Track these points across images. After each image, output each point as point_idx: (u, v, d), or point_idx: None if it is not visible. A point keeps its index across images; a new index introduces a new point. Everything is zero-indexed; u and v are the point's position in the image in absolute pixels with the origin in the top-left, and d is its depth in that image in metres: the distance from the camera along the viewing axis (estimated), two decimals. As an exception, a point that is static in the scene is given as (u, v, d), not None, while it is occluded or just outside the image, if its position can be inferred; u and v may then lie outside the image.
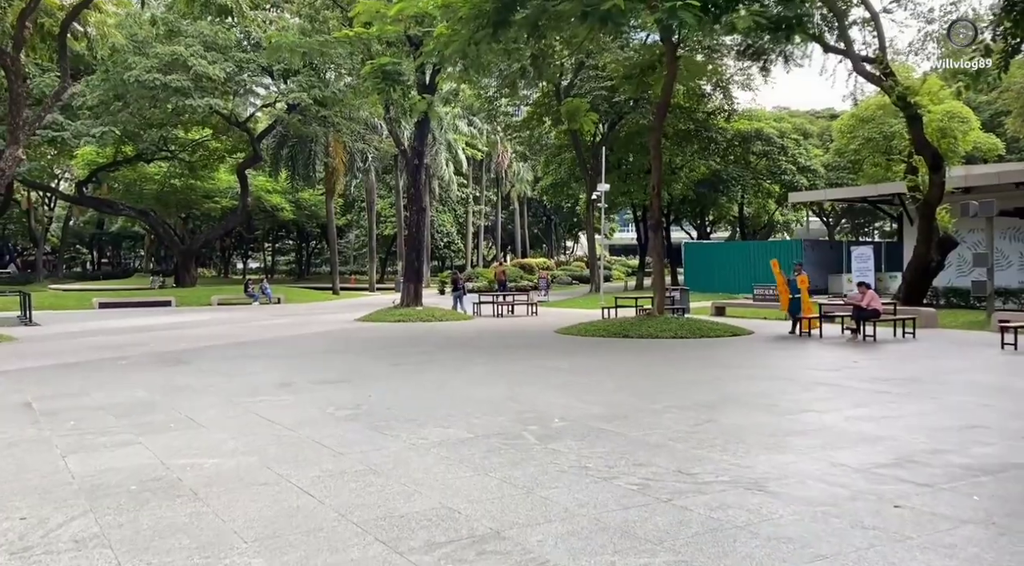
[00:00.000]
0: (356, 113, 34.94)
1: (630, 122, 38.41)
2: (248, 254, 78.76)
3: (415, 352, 13.80)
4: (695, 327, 16.63)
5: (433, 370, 11.19)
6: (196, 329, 20.48)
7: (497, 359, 12.59)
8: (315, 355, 13.66)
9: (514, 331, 18.72)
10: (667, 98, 17.82)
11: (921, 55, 40.86)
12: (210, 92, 29.04)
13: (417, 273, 24.17)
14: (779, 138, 39.51)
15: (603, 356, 12.94)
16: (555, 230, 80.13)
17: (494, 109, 40.57)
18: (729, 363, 11.96)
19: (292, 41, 16.34)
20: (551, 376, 10.44)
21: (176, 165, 42.82)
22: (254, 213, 52.83)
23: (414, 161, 23.80)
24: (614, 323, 17.30)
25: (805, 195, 33.53)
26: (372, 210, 46.60)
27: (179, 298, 34.16)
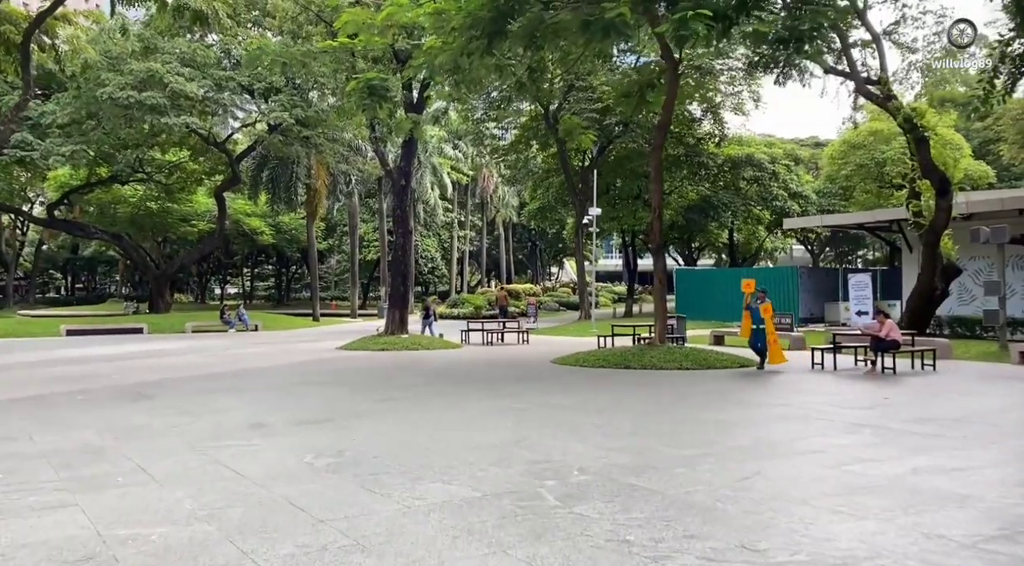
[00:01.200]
0: (340, 134, 33.93)
1: (619, 147, 37.78)
2: (226, 279, 77.05)
3: (404, 385, 12.65)
4: (700, 358, 15.62)
5: (425, 407, 10.05)
6: (166, 358, 19.18)
7: (495, 394, 11.47)
8: (292, 389, 12.47)
9: (508, 361, 17.61)
10: (668, 117, 17.00)
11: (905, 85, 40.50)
12: (187, 110, 27.91)
13: (402, 299, 23.05)
14: (770, 164, 39.00)
15: (610, 390, 11.86)
16: (540, 256, 79.36)
17: (481, 132, 39.80)
18: (749, 399, 10.92)
19: (273, 50, 15.33)
20: (559, 415, 9.34)
21: (152, 188, 41.50)
22: (232, 237, 51.46)
23: (400, 182, 22.79)
24: (614, 353, 16.25)
25: (800, 221, 32.88)
26: (355, 234, 45.44)
27: (152, 325, 32.72)
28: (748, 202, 40.13)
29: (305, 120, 30.42)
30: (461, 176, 54.32)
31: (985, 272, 25.90)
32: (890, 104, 19.92)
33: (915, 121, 19.46)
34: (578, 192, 37.37)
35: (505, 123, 39.84)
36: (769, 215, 42.14)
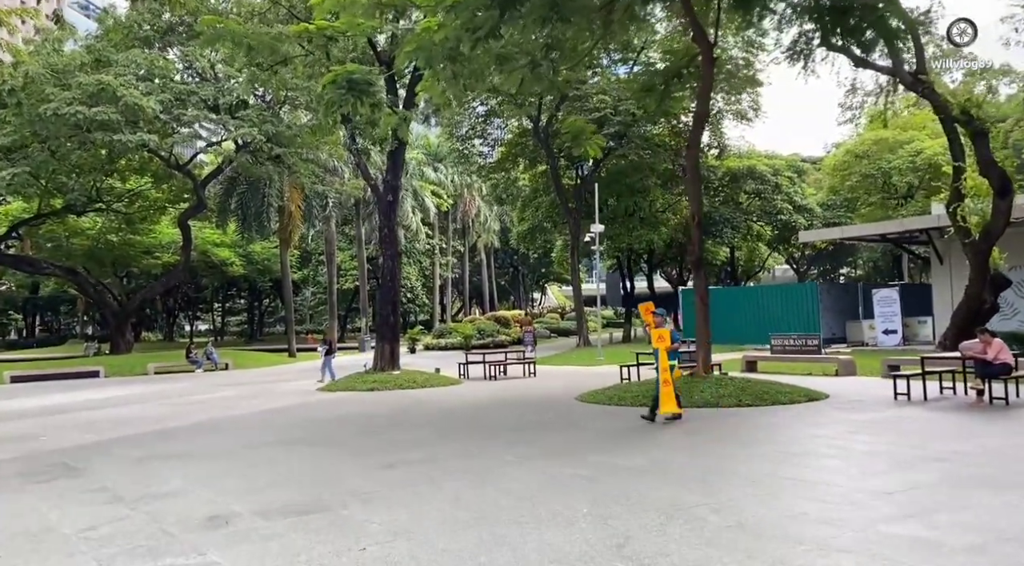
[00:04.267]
0: (315, 153, 31.25)
1: (611, 162, 35.54)
2: (196, 315, 73.38)
3: (411, 441, 9.88)
4: (758, 392, 13.02)
5: (452, 478, 7.31)
6: (117, 408, 16.20)
7: (535, 451, 8.76)
8: (267, 451, 9.64)
9: (523, 400, 14.89)
10: (705, 107, 14.60)
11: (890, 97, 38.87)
12: (144, 128, 25.07)
13: (392, 329, 20.26)
14: (772, 176, 36.95)
15: (681, 443, 9.21)
16: (523, 281, 76.84)
17: (466, 149, 37.41)
18: (900, 455, 8.29)
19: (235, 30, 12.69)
20: (642, 488, 6.65)
21: (112, 218, 38.37)
22: (201, 269, 48.31)
23: (387, 197, 20.12)
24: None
25: (817, 233, 30.67)
26: (332, 262, 42.57)
27: (110, 367, 29.52)
28: (749, 217, 38.01)
29: (276, 137, 27.71)
30: (442, 201, 51.83)
31: (1037, 282, 23.79)
32: (939, 96, 17.73)
33: (972, 113, 17.25)
34: (572, 210, 34.99)
35: (491, 139, 37.52)
36: (771, 230, 40.05)
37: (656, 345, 10.95)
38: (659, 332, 11.04)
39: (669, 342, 10.88)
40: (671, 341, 10.97)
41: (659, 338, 10.96)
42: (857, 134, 43.38)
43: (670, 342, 10.89)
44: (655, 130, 34.74)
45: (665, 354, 10.76)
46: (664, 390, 10.61)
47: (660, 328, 11.08)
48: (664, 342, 10.84)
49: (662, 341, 10.87)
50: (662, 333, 10.99)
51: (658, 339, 10.95)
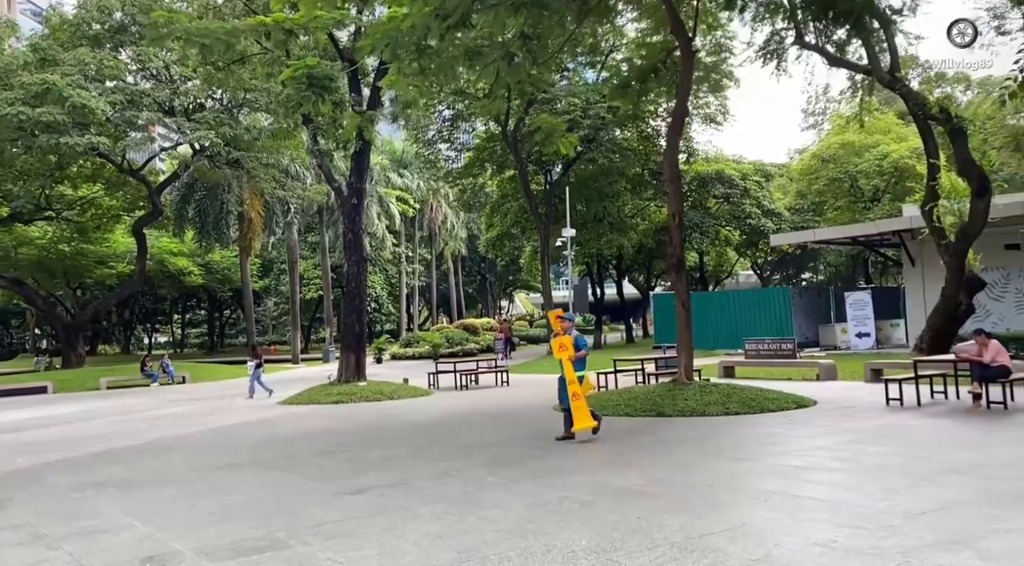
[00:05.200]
0: (276, 157, 30.14)
1: (579, 168, 34.96)
2: (155, 327, 71.13)
3: (381, 461, 9.02)
4: (745, 399, 12.40)
5: (427, 506, 6.49)
6: (60, 427, 15.04)
7: (517, 472, 7.97)
8: (217, 476, 8.70)
9: (499, 411, 14.09)
10: (684, 105, 13.97)
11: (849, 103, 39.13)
12: (92, 130, 23.80)
13: (358, 339, 19.31)
14: (741, 180, 36.71)
15: (674, 457, 8.49)
16: (491, 289, 76.02)
17: (433, 154, 36.56)
18: (915, 468, 7.66)
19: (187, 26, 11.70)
20: (643, 510, 5.89)
21: (63, 227, 36.73)
22: (158, 279, 46.63)
23: (352, 201, 19.19)
24: (637, 396, 12.90)
25: (788, 237, 30.36)
26: (295, 270, 41.29)
27: (59, 382, 28.00)
28: (718, 222, 37.73)
29: (234, 140, 26.61)
30: (408, 208, 50.84)
31: (1000, 284, 23.65)
32: (917, 94, 17.42)
33: (950, 110, 16.94)
34: (541, 216, 34.32)
35: (458, 144, 36.69)
36: (739, 235, 39.82)
37: (558, 355, 9.72)
38: (559, 340, 9.73)
39: (572, 351, 9.62)
40: (576, 349, 9.71)
41: (560, 347, 9.67)
42: (820, 140, 43.56)
43: (573, 350, 9.64)
44: (625, 134, 34.29)
45: (570, 364, 9.56)
46: (575, 404, 9.40)
47: (565, 335, 9.84)
48: (567, 351, 9.60)
49: (563, 350, 9.61)
50: (563, 341, 9.69)
51: (559, 348, 9.67)
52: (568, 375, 9.54)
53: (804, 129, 69.04)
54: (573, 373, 9.51)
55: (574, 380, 9.47)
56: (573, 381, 9.46)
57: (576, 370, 9.57)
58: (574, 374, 9.51)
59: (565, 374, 9.58)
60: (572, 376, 9.48)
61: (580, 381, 9.58)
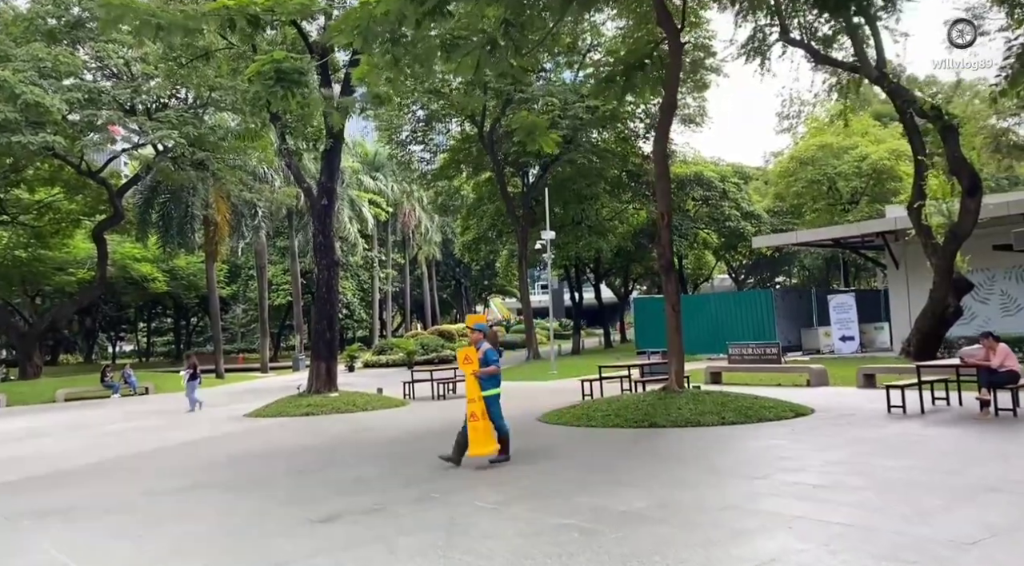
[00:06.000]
0: (243, 159, 29.08)
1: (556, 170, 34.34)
2: (120, 336, 69.12)
3: (351, 482, 8.18)
4: (740, 407, 11.76)
5: (406, 535, 5.71)
6: (3, 446, 13.95)
7: (507, 494, 7.22)
8: (171, 501, 7.82)
9: (479, 423, 13.29)
10: (673, 98, 13.37)
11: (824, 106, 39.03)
12: (46, 128, 22.62)
13: (329, 346, 18.39)
14: (720, 182, 36.36)
15: (683, 473, 7.79)
16: (466, 294, 75.13)
17: (407, 155, 35.71)
18: (944, 484, 7.03)
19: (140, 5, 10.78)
20: (655, 539, 5.18)
21: (19, 232, 35.24)
22: (121, 286, 45.09)
23: (321, 201, 18.31)
24: (627, 405, 12.19)
25: (770, 239, 29.98)
26: (263, 276, 40.10)
27: (13, 395, 26.62)
28: (697, 224, 37.34)
29: (199, 140, 25.55)
30: (380, 211, 49.85)
31: (986, 286, 23.39)
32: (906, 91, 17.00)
33: (941, 109, 16.54)
34: (518, 218, 33.64)
35: (433, 145, 35.89)
36: (717, 238, 39.48)
37: (462, 367, 8.65)
38: (464, 351, 8.73)
39: (477, 365, 8.51)
40: (484, 363, 8.55)
41: (465, 359, 8.59)
42: (796, 142, 43.46)
43: (479, 365, 8.51)
44: (603, 136, 33.77)
45: (474, 380, 8.46)
46: (472, 425, 8.35)
47: (475, 346, 8.73)
48: (471, 364, 8.49)
49: (468, 363, 8.52)
50: (467, 352, 8.65)
51: (464, 360, 8.60)
52: (470, 392, 8.46)
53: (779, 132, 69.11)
54: (477, 390, 8.40)
55: (475, 398, 8.36)
56: (473, 400, 8.36)
57: (485, 388, 8.47)
58: (478, 391, 8.40)
59: (468, 391, 8.53)
60: (475, 393, 8.39)
61: (493, 401, 8.50)
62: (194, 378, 19.11)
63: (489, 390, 8.50)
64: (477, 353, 8.58)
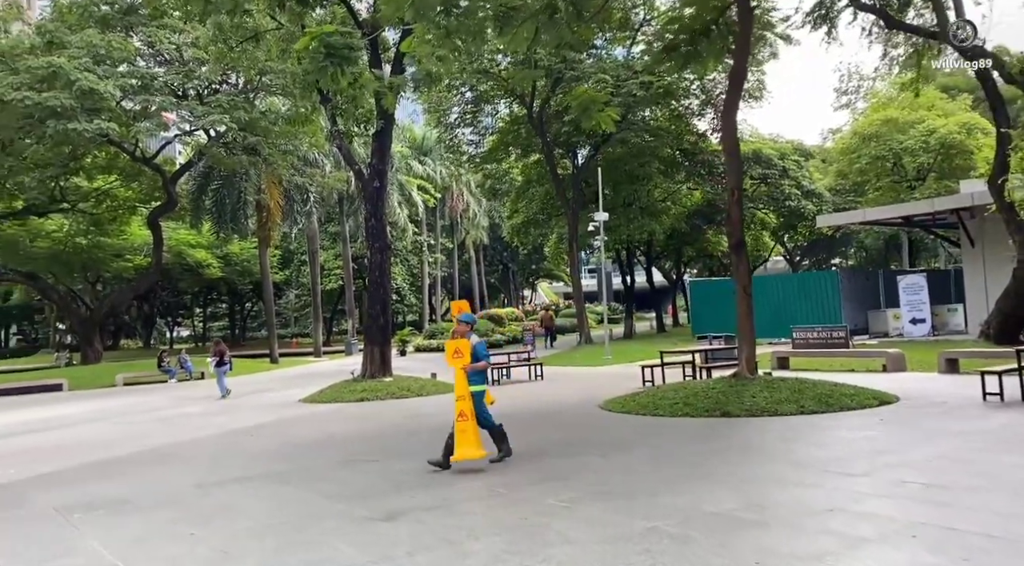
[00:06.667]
0: (294, 143, 28.94)
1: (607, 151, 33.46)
2: (177, 321, 70.55)
3: (411, 474, 7.72)
4: (819, 394, 10.97)
5: (474, 538, 5.21)
6: (65, 430, 13.97)
7: (580, 490, 6.66)
8: (223, 493, 7.47)
9: (539, 411, 12.80)
10: (743, 63, 12.56)
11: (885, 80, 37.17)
12: (101, 114, 22.71)
13: (383, 331, 18.07)
14: (779, 160, 35.01)
15: (771, 469, 7.13)
16: (513, 279, 74.65)
17: (456, 138, 35.22)
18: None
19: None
20: (760, 550, 4.57)
21: (79, 219, 35.87)
22: (177, 273, 45.76)
23: (373, 184, 17.93)
24: (697, 393, 11.51)
25: (836, 218, 28.71)
26: (315, 261, 40.21)
27: (74, 379, 27.14)
28: (755, 204, 36.06)
29: (249, 125, 25.44)
30: (429, 196, 49.58)
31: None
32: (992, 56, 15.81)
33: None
34: (569, 201, 32.93)
35: (481, 128, 35.32)
36: (776, 218, 38.12)
37: (451, 363, 7.86)
38: (455, 344, 7.89)
39: (468, 359, 7.81)
40: (474, 358, 7.89)
41: (455, 353, 7.82)
42: (855, 118, 41.65)
43: (470, 359, 7.82)
44: (657, 113, 32.76)
45: (464, 376, 7.76)
46: (460, 426, 7.60)
47: (461, 338, 8.02)
48: (462, 358, 7.78)
49: (458, 357, 7.79)
50: (460, 345, 7.85)
51: (453, 354, 7.83)
52: (459, 389, 7.76)
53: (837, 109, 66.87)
54: (467, 387, 7.74)
55: (464, 396, 7.68)
56: (463, 397, 7.68)
57: (473, 384, 7.82)
58: (467, 388, 7.74)
59: (456, 388, 7.84)
60: (464, 390, 7.72)
61: (479, 397, 7.83)
62: (221, 365, 19.01)
63: (475, 386, 7.83)
64: (468, 346, 7.86)
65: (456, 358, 7.82)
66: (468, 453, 7.53)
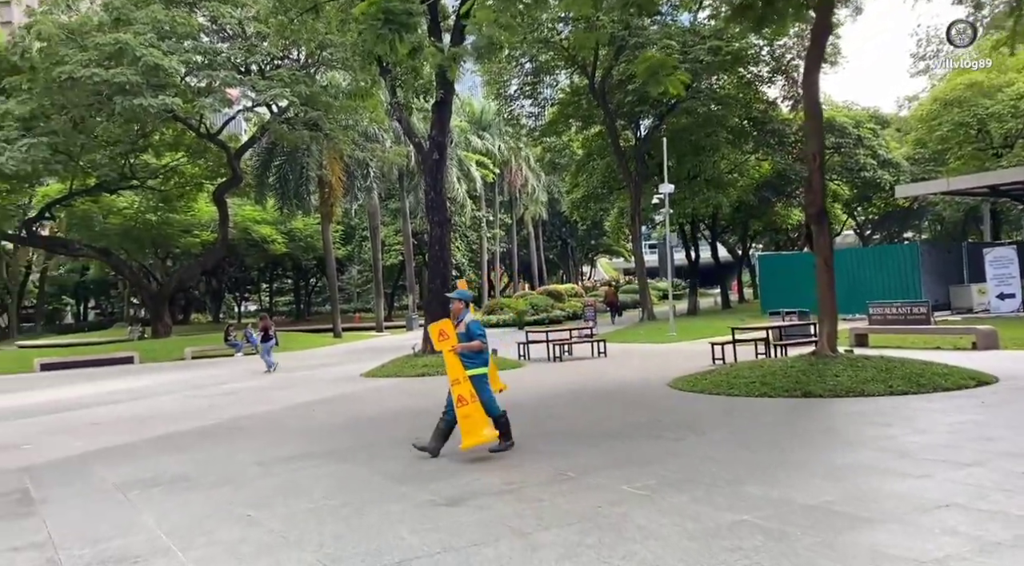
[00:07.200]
0: (355, 118, 28.83)
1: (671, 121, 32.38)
2: (245, 296, 72.29)
3: (475, 456, 7.36)
4: (909, 374, 10.20)
5: (545, 527, 4.80)
6: (132, 403, 14.16)
7: (656, 477, 6.19)
8: (284, 471, 7.24)
9: (604, 389, 12.33)
10: (827, 17, 11.65)
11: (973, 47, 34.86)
12: (166, 90, 22.93)
13: (443, 306, 17.76)
14: (854, 129, 33.37)
15: (860, 455, 6.51)
16: (572, 254, 73.89)
17: (515, 111, 34.63)
18: None
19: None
20: (872, 551, 4.04)
21: (148, 196, 36.69)
22: (244, 248, 46.62)
23: (433, 156, 17.58)
24: (772, 371, 10.86)
25: (916, 187, 27.23)
26: (376, 237, 40.36)
27: (145, 352, 27.89)
28: (827, 175, 34.48)
29: (310, 99, 25.38)
30: (488, 172, 49.12)
31: None
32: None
33: None
34: (631, 174, 32.08)
35: (541, 99, 34.62)
36: (850, 189, 36.46)
37: (438, 346, 7.20)
38: (439, 326, 7.22)
39: (455, 340, 7.09)
40: (471, 336, 7.18)
41: (440, 335, 7.11)
42: (933, 84, 39.36)
43: (456, 341, 7.11)
44: (724, 81, 31.53)
45: (455, 359, 7.07)
46: (461, 412, 6.92)
47: (457, 319, 7.32)
48: (448, 341, 7.06)
49: (444, 339, 7.07)
50: (443, 326, 7.16)
51: (439, 337, 7.12)
52: (452, 373, 7.03)
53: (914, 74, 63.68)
54: (460, 370, 7.02)
55: (459, 379, 6.99)
56: (458, 381, 6.98)
57: (470, 366, 7.10)
58: (461, 371, 7.02)
59: (448, 372, 7.10)
60: (458, 373, 7.00)
61: (480, 381, 7.14)
62: (267, 340, 19.28)
63: (475, 369, 7.13)
64: (457, 327, 7.22)
65: (442, 341, 7.10)
66: (476, 439, 6.92)
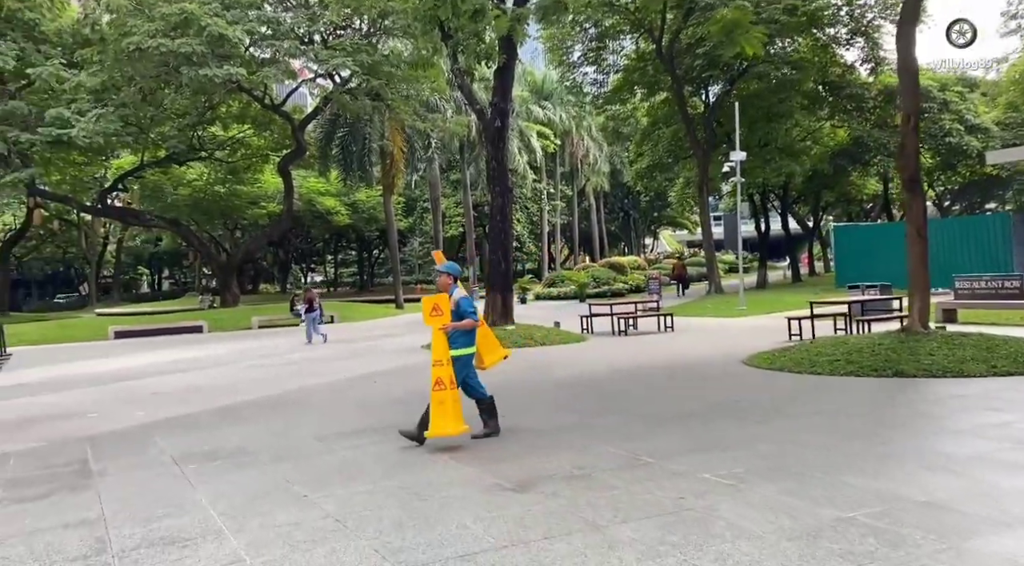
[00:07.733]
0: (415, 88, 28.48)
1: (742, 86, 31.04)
2: (311, 267, 73.63)
3: (541, 435, 6.96)
4: (1015, 353, 9.33)
5: (622, 519, 4.36)
6: (197, 372, 14.26)
7: (743, 464, 5.67)
8: (343, 448, 6.97)
9: (674, 366, 11.76)
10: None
11: None
12: (231, 60, 22.95)
13: (504, 278, 17.43)
14: (939, 92, 31.42)
15: (972, 443, 5.85)
16: (634, 226, 72.54)
17: (578, 77, 33.73)
18: None
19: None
20: (1005, 559, 3.46)
21: (216, 168, 37.29)
22: (308, 220, 47.18)
23: (495, 124, 17.09)
24: (858, 349, 10.12)
25: (1011, 153, 25.26)
26: (438, 208, 40.19)
27: (213, 321, 28.39)
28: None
29: (372, 68, 25.11)
30: (549, 142, 48.29)
31: None
32: None
33: None
34: (699, 142, 30.96)
35: (605, 66, 33.61)
36: (932, 157, 34.46)
37: (428, 322, 6.56)
38: (432, 299, 6.59)
39: (449, 317, 6.54)
40: (461, 314, 6.61)
41: (432, 311, 6.50)
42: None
43: (451, 318, 6.56)
44: (799, 44, 30.01)
45: (442, 338, 6.48)
46: (438, 396, 6.37)
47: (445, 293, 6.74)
48: (441, 318, 6.50)
49: (437, 315, 6.48)
50: (437, 300, 6.56)
51: (432, 312, 6.50)
52: (436, 352, 6.45)
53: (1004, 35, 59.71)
54: (445, 351, 6.44)
55: (441, 361, 6.40)
56: (440, 363, 6.40)
57: (456, 346, 6.58)
58: (446, 353, 6.44)
59: (433, 351, 6.52)
60: (442, 354, 6.42)
61: (464, 363, 6.66)
62: (311, 311, 19.25)
63: (460, 349, 6.60)
64: (448, 302, 6.63)
65: (434, 316, 6.52)
66: (444, 429, 6.36)
